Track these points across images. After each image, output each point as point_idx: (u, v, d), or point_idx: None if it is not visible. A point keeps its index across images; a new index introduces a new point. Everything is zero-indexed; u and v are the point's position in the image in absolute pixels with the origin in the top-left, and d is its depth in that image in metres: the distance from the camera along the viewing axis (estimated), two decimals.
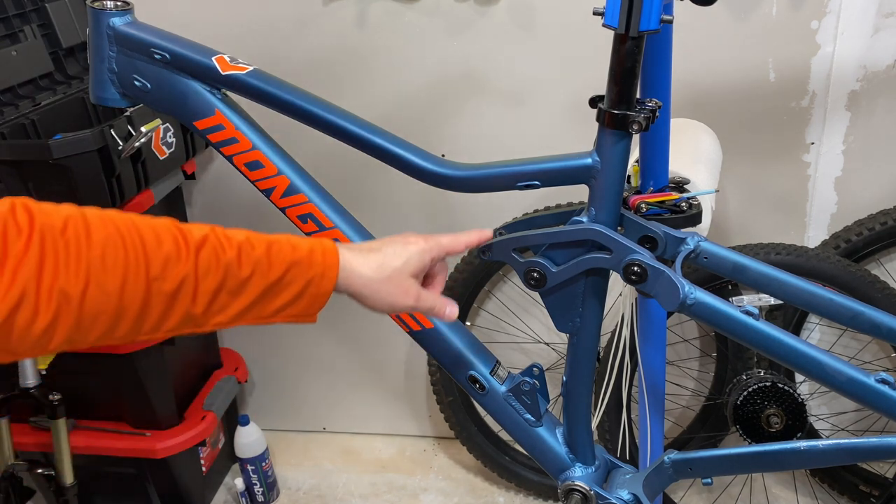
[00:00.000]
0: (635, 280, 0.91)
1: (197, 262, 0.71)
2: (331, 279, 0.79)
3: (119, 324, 0.67)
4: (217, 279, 0.72)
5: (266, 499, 1.93)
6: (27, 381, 1.54)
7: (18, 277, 0.59)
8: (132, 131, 1.46)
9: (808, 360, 0.88)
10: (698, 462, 1.02)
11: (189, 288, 0.70)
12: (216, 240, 0.73)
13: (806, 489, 1.83)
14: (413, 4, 1.66)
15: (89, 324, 0.64)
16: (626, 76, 0.87)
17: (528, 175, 0.97)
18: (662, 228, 0.97)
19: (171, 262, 0.69)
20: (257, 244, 0.76)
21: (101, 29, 1.00)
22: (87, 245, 0.64)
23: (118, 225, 0.67)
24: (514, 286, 1.90)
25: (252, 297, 0.75)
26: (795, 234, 1.74)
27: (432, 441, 2.12)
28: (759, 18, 1.57)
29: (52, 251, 0.61)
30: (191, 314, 0.71)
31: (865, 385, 0.87)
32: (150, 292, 0.68)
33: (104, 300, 0.64)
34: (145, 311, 0.68)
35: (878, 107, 1.61)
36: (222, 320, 0.74)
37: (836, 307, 0.98)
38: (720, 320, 0.90)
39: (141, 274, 0.67)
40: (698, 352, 1.88)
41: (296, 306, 0.78)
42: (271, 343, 2.07)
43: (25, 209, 0.62)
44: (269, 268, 0.75)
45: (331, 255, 0.80)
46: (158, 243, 0.69)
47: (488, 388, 1.04)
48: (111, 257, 0.65)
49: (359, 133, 1.01)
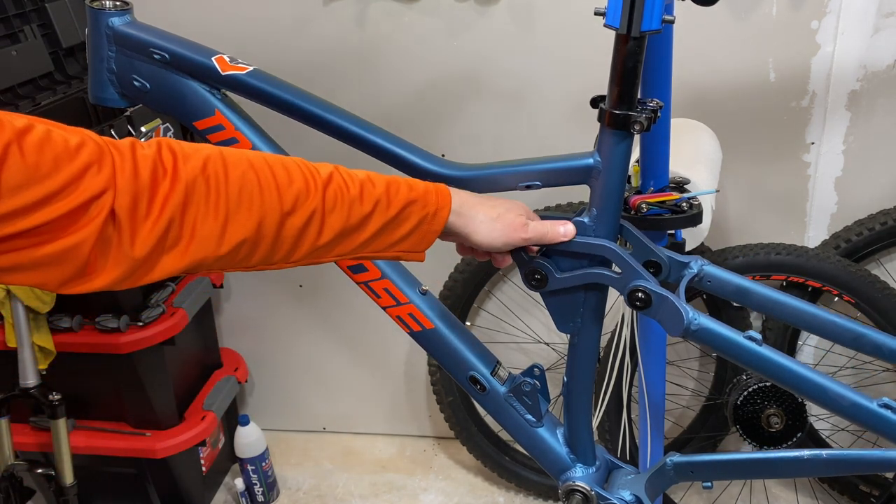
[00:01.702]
0: (639, 306, 0.92)
1: (324, 198, 0.77)
2: (442, 218, 0.86)
3: (254, 253, 0.74)
4: (342, 215, 0.78)
5: (266, 499, 1.93)
6: (27, 381, 1.54)
7: (165, 211, 0.66)
8: (132, 131, 1.46)
9: (812, 385, 0.89)
10: (700, 466, 1.02)
11: (317, 222, 0.77)
12: (340, 178, 0.79)
13: (806, 489, 1.83)
14: (413, 4, 1.66)
15: (227, 253, 0.71)
16: (627, 76, 0.87)
17: (529, 175, 0.97)
18: (666, 254, 0.98)
19: (301, 197, 0.75)
20: (378, 183, 0.82)
21: (101, 29, 1.00)
22: (225, 182, 0.70)
23: (252, 163, 0.74)
24: (515, 286, 1.89)
25: (371, 231, 0.81)
26: (795, 234, 1.74)
27: (432, 441, 2.12)
28: (759, 18, 1.57)
29: (194, 187, 0.68)
30: (316, 246, 0.78)
31: (868, 410, 0.88)
32: (283, 226, 0.74)
33: (241, 232, 0.71)
34: (277, 242, 0.75)
35: (878, 107, 1.61)
36: (343, 251, 0.81)
37: (839, 329, 0.99)
38: (724, 346, 0.91)
39: (275, 209, 0.73)
40: (698, 352, 1.88)
41: (408, 241, 0.85)
42: (271, 343, 2.07)
43: (170, 150, 0.69)
44: (388, 205, 0.82)
45: (444, 196, 0.86)
46: (290, 180, 0.75)
47: (489, 389, 1.04)
48: (247, 193, 0.71)
49: (359, 133, 1.01)
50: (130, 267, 0.65)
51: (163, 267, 0.68)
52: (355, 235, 0.80)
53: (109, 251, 0.63)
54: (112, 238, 0.63)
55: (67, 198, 0.60)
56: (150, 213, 0.65)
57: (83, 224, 0.61)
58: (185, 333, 1.72)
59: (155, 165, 0.66)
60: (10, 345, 1.55)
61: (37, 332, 1.56)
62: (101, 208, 0.62)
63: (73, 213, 0.60)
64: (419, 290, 1.04)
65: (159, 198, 0.66)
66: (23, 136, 0.58)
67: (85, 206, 0.61)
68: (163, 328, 1.64)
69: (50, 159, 0.59)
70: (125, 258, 0.64)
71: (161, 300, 1.69)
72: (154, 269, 0.67)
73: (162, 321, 1.65)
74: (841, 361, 1.74)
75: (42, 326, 1.58)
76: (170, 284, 1.74)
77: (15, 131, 0.58)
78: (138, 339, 1.62)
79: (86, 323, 1.64)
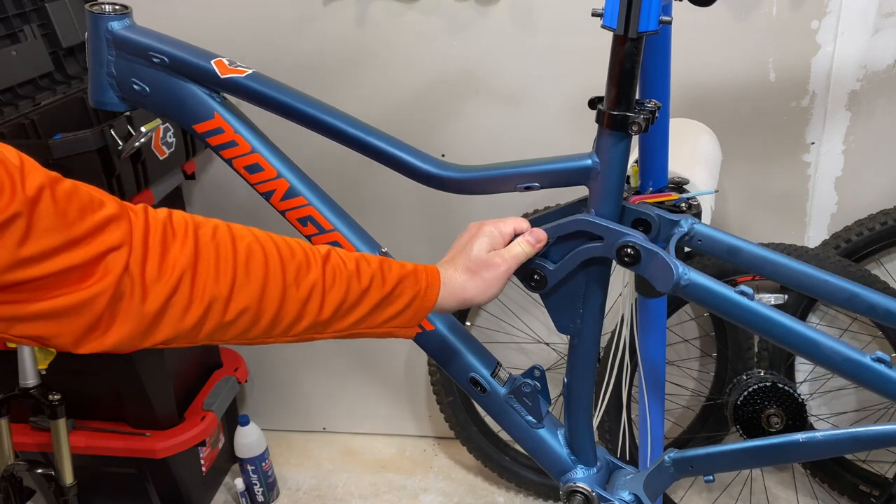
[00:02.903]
0: (629, 262, 0.91)
1: (324, 271, 0.78)
2: (434, 293, 0.87)
3: (256, 324, 0.75)
4: (342, 289, 0.79)
5: (266, 499, 1.93)
6: (27, 381, 1.54)
7: (175, 270, 0.67)
8: (132, 131, 1.45)
9: (804, 340, 0.87)
10: (699, 459, 1.02)
11: (318, 295, 0.78)
12: (337, 255, 0.82)
13: (806, 489, 1.83)
14: (413, 4, 1.66)
15: (231, 321, 0.72)
16: (625, 77, 0.87)
17: (527, 176, 0.97)
18: (656, 211, 0.97)
19: (302, 270, 0.77)
20: (372, 260, 0.84)
21: (100, 33, 1.00)
22: (233, 251, 0.72)
23: (258, 236, 0.76)
24: (514, 286, 1.89)
25: (369, 307, 0.82)
26: (795, 234, 1.74)
27: (432, 441, 2.12)
28: (759, 18, 1.57)
29: (204, 252, 0.70)
30: (317, 321, 0.79)
31: (861, 364, 0.85)
32: (286, 297, 0.75)
33: (247, 300, 0.72)
34: (280, 314, 0.76)
35: (878, 107, 1.61)
36: (341, 327, 0.82)
37: (833, 288, 0.96)
38: (714, 301, 0.89)
39: (279, 279, 0.75)
40: (698, 352, 1.88)
41: (402, 317, 0.85)
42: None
43: (182, 217, 0.72)
44: (383, 281, 0.83)
45: (433, 273, 0.88)
46: (292, 253, 0.77)
47: (489, 390, 1.04)
48: (254, 263, 0.73)
49: (358, 135, 1.01)
50: (141, 324, 0.66)
51: (169, 324, 0.68)
52: (353, 311, 0.81)
53: (122, 306, 0.65)
54: (125, 293, 0.65)
55: (88, 246, 0.62)
56: (161, 270, 0.67)
57: (100, 276, 0.63)
58: None
59: (165, 227, 0.69)
60: (10, 345, 1.55)
61: None
62: (117, 261, 0.64)
63: (92, 263, 0.62)
64: None
65: (171, 255, 0.68)
66: (55, 183, 0.61)
67: (103, 256, 0.63)
68: None
69: (76, 208, 0.62)
70: (136, 314, 0.66)
71: None
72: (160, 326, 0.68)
73: None
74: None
75: None
76: None
77: (48, 177, 0.61)
78: None
79: None
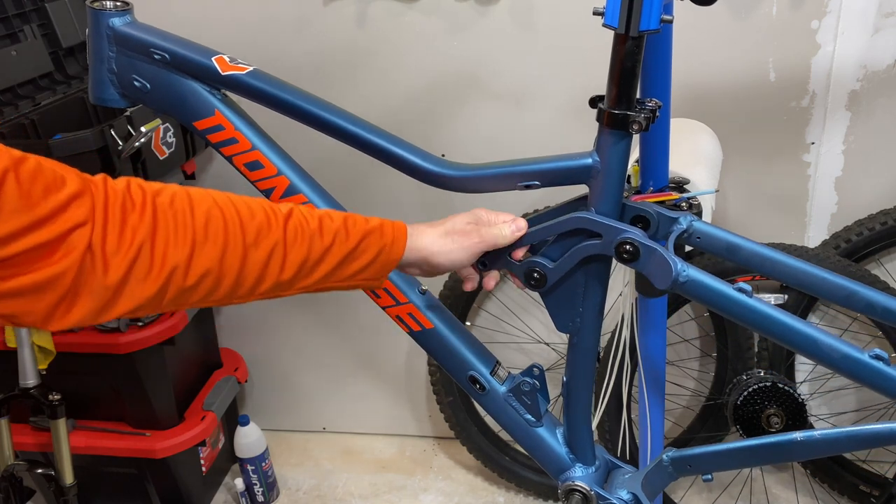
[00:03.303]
0: (627, 258, 0.91)
1: (285, 231, 0.79)
2: (400, 247, 0.88)
3: (218, 288, 0.75)
4: (304, 248, 0.80)
5: (266, 499, 1.93)
6: (27, 381, 1.54)
7: (135, 241, 0.68)
8: (132, 131, 1.46)
9: (803, 336, 0.86)
10: (697, 458, 1.01)
11: (279, 255, 0.78)
12: (300, 213, 0.82)
13: (806, 489, 1.83)
14: (413, 4, 1.66)
15: (193, 286, 0.73)
16: (626, 76, 0.87)
17: (528, 175, 0.97)
18: (654, 208, 0.97)
19: (262, 231, 0.77)
20: (335, 217, 0.85)
21: (101, 29, 1.00)
22: (191, 215, 0.73)
23: (217, 200, 0.76)
24: (514, 286, 1.89)
25: (332, 264, 0.83)
26: (795, 234, 1.74)
27: (432, 441, 2.12)
28: (759, 18, 1.57)
29: (162, 221, 0.70)
30: (279, 280, 0.79)
31: (860, 361, 0.84)
32: (246, 259, 0.76)
33: (207, 265, 0.73)
34: (241, 276, 0.76)
35: (878, 107, 1.61)
36: (305, 284, 0.82)
37: (831, 286, 0.96)
38: (713, 297, 0.89)
39: (238, 241, 0.75)
40: (698, 352, 1.88)
41: (368, 271, 0.87)
42: (271, 343, 2.07)
43: (139, 186, 0.72)
44: (346, 237, 0.84)
45: (399, 228, 0.89)
46: (251, 215, 0.77)
47: (488, 389, 1.04)
48: (213, 227, 0.74)
49: (359, 133, 1.01)
50: (103, 297, 0.67)
51: (132, 294, 0.69)
52: (317, 268, 0.82)
53: (86, 282, 0.66)
54: (87, 268, 0.65)
55: (53, 225, 0.62)
56: (121, 241, 0.67)
57: (65, 252, 0.64)
58: (185, 333, 1.73)
59: (125, 198, 0.69)
60: (10, 345, 1.55)
61: (37, 332, 1.56)
62: (81, 238, 0.65)
63: (57, 241, 0.63)
64: (419, 289, 1.05)
65: (129, 226, 0.68)
66: (19, 164, 0.62)
67: (67, 234, 0.64)
68: (162, 328, 1.65)
69: (41, 188, 0.62)
70: (99, 287, 0.66)
71: None
72: (122, 297, 0.68)
73: (161, 321, 1.65)
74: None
75: None
76: None
77: (12, 159, 0.61)
78: (138, 340, 1.62)
79: None
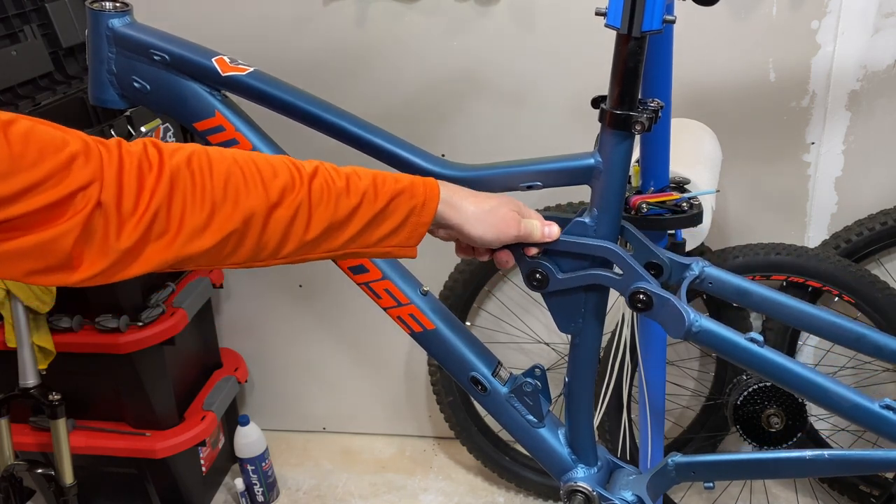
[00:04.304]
0: (641, 308, 0.92)
1: (310, 190, 0.76)
2: (431, 209, 0.84)
3: (240, 248, 0.73)
4: (329, 208, 0.77)
5: (266, 499, 1.93)
6: (27, 381, 1.54)
7: (153, 202, 0.66)
8: (132, 131, 1.46)
9: (814, 386, 0.89)
10: (702, 466, 1.02)
11: (304, 215, 0.76)
12: (326, 172, 0.79)
13: (806, 489, 1.83)
14: (413, 4, 1.66)
15: (213, 247, 0.71)
16: (628, 76, 0.87)
17: (529, 175, 0.97)
18: (668, 255, 0.98)
19: (287, 190, 0.75)
20: (364, 175, 0.81)
21: (100, 30, 1.00)
22: (210, 175, 0.71)
23: (237, 159, 0.74)
24: (515, 286, 1.89)
25: (360, 225, 0.80)
26: (795, 234, 1.74)
27: (432, 441, 2.12)
28: (759, 18, 1.57)
29: (180, 182, 0.69)
30: (304, 240, 0.77)
31: (870, 411, 0.88)
32: (270, 219, 0.74)
33: (227, 225, 0.71)
34: (264, 236, 0.74)
35: (878, 107, 1.61)
36: (331, 247, 0.80)
37: (840, 330, 0.99)
38: (725, 348, 0.91)
39: (261, 201, 0.73)
40: (698, 352, 1.88)
41: (399, 235, 0.83)
42: (271, 343, 2.07)
43: (155, 147, 0.70)
44: (375, 197, 0.80)
45: (432, 187, 0.85)
46: (275, 174, 0.75)
47: (490, 390, 1.04)
48: (233, 186, 0.72)
49: (359, 134, 1.01)
50: (115, 259, 0.66)
51: (148, 258, 0.67)
52: (343, 229, 0.79)
53: (95, 242, 0.64)
54: (98, 229, 0.64)
55: (53, 188, 0.61)
56: (137, 204, 0.66)
57: (69, 215, 0.62)
58: (185, 333, 1.72)
59: (140, 160, 0.67)
60: (10, 345, 1.55)
61: (36, 332, 1.56)
62: (87, 200, 0.63)
63: (58, 204, 0.61)
64: (420, 290, 1.04)
65: (146, 190, 0.66)
66: (7, 126, 0.60)
67: (71, 196, 0.62)
68: (163, 328, 1.64)
69: (35, 150, 0.61)
70: (111, 250, 0.65)
71: (161, 300, 1.69)
72: (138, 260, 0.67)
73: (162, 321, 1.65)
74: (841, 361, 1.74)
75: (42, 326, 1.58)
76: (170, 284, 1.74)
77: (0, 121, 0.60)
78: (138, 340, 1.62)
79: (85, 323, 1.64)
